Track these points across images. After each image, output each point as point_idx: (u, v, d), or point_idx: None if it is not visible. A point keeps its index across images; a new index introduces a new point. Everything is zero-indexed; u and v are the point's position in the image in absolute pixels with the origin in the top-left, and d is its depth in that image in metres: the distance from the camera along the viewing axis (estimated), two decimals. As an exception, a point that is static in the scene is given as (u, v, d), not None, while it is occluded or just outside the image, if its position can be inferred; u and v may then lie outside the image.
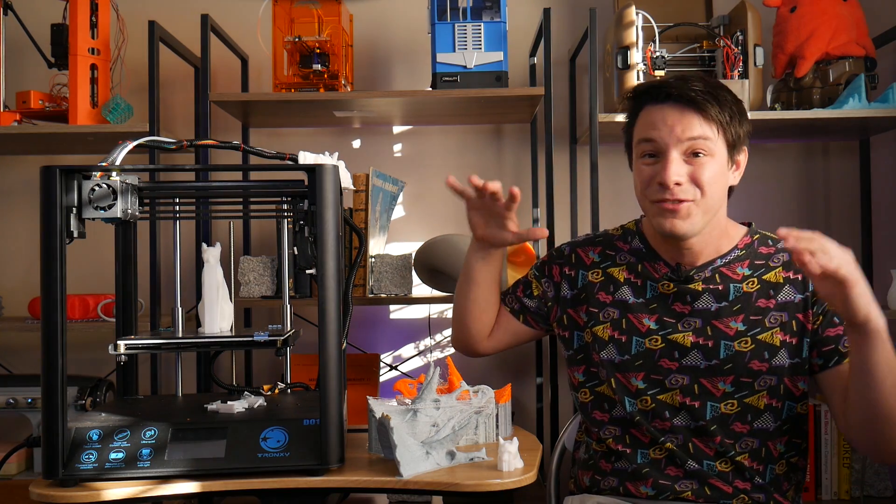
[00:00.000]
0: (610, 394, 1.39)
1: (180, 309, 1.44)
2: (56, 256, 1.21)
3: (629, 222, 1.49)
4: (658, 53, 1.99)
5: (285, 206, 1.43)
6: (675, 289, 1.37)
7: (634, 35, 2.00)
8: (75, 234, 1.25)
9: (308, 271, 1.35)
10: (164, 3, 2.40)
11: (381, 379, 2.30)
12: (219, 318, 1.45)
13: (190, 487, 1.23)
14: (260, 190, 1.45)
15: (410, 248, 2.32)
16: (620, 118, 1.98)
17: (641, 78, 1.99)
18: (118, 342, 1.37)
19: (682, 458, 1.33)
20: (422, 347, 2.44)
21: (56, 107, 2.14)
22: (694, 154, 1.29)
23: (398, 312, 2.45)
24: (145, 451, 1.24)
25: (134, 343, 1.39)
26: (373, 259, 2.05)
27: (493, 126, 2.44)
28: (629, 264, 1.43)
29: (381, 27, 2.42)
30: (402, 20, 2.42)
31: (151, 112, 2.03)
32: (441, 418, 1.35)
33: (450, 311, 2.23)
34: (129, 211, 1.32)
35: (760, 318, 1.33)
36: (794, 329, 1.32)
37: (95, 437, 1.25)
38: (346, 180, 1.57)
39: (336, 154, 1.55)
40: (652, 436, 1.35)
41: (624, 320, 1.39)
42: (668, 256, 1.39)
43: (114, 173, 1.28)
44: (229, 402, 1.37)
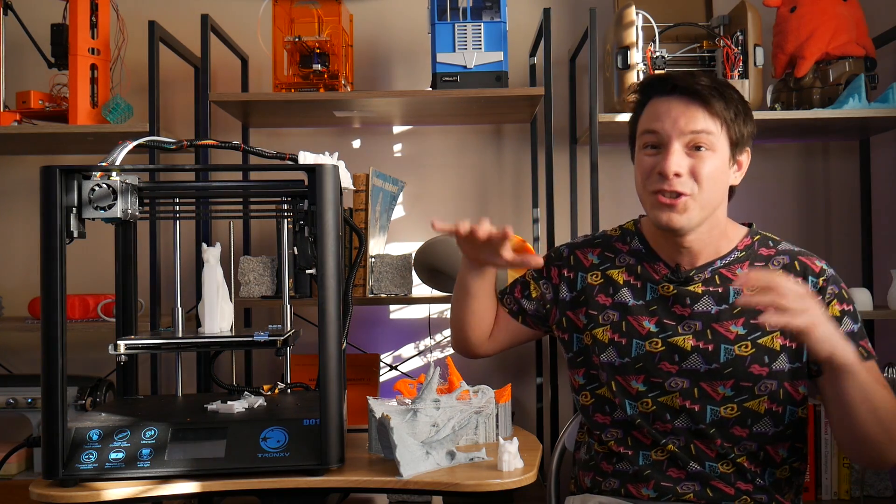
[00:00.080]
0: (610, 396, 1.38)
1: (180, 309, 1.44)
2: (56, 256, 1.21)
3: (628, 222, 1.49)
4: (658, 53, 1.99)
5: (285, 206, 1.43)
6: (675, 291, 1.36)
7: (634, 35, 2.00)
8: (75, 234, 1.25)
9: (308, 271, 1.35)
10: (164, 3, 2.40)
11: (381, 379, 2.30)
12: (219, 318, 1.45)
13: (190, 487, 1.23)
14: (260, 190, 1.44)
15: (410, 248, 2.32)
16: (621, 118, 1.98)
17: (641, 78, 1.99)
18: (118, 342, 1.37)
19: (684, 459, 1.33)
20: (422, 347, 2.44)
21: (56, 107, 2.14)
22: (696, 147, 1.28)
23: (398, 312, 2.45)
24: (145, 451, 1.24)
25: (134, 343, 1.39)
26: (373, 259, 2.05)
27: (493, 126, 2.43)
28: (629, 266, 1.42)
29: (381, 27, 2.42)
30: (402, 20, 2.42)
31: (151, 112, 2.03)
32: (441, 418, 1.35)
33: (450, 311, 2.23)
34: (129, 211, 1.32)
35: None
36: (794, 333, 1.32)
37: (95, 437, 1.25)
38: (346, 180, 1.57)
39: (336, 154, 1.55)
40: (653, 438, 1.35)
41: (624, 323, 1.38)
42: (667, 257, 1.39)
43: (114, 173, 1.28)
44: (229, 402, 1.37)
